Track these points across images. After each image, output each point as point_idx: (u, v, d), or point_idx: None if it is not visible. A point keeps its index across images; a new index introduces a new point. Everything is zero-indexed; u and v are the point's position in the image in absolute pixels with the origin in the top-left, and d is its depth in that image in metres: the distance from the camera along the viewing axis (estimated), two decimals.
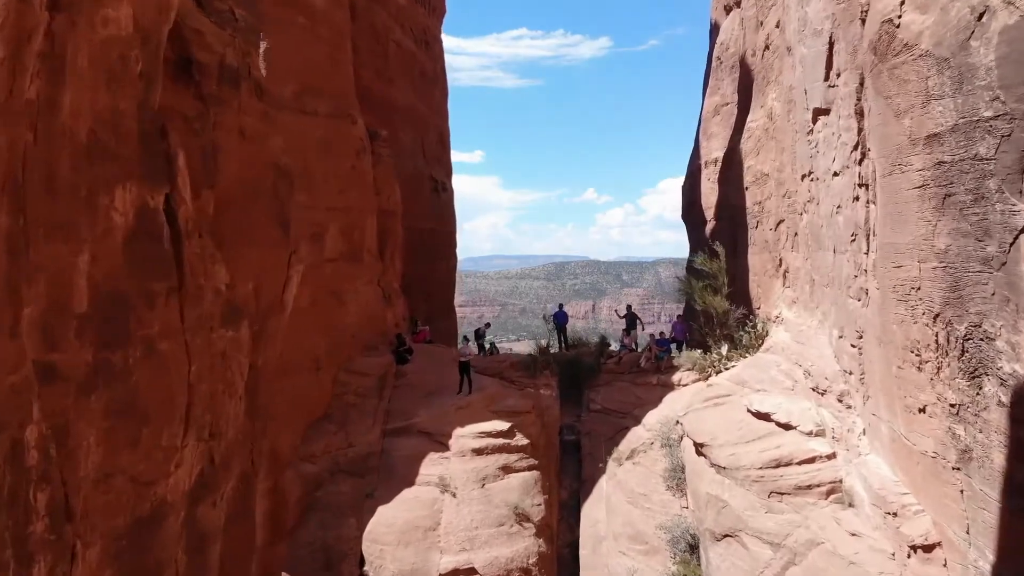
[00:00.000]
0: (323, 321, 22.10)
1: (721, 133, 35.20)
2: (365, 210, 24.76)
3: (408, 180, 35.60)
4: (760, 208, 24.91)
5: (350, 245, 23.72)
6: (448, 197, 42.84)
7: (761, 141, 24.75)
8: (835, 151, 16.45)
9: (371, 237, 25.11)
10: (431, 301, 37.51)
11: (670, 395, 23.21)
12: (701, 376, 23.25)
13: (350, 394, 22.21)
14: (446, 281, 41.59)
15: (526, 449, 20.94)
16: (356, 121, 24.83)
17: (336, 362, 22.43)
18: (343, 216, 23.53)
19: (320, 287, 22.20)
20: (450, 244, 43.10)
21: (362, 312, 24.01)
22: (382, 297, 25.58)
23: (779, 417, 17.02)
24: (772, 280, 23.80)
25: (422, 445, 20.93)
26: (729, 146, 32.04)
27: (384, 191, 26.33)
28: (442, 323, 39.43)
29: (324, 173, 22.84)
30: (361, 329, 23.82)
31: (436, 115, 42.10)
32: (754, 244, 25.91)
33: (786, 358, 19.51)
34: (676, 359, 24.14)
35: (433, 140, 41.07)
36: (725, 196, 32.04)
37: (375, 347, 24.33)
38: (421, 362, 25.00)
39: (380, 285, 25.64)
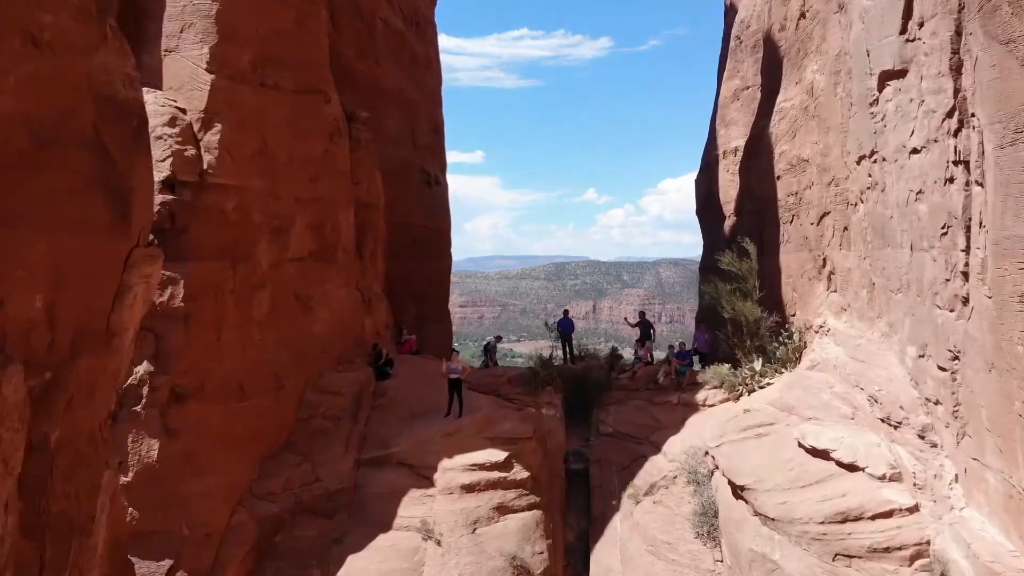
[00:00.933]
0: (286, 331, 18.74)
1: (741, 120, 31.81)
2: (340, 202, 21.40)
3: (395, 171, 32.20)
4: (796, 199, 21.54)
5: (321, 242, 20.36)
6: (441, 192, 39.40)
7: (798, 122, 21.38)
8: (914, 122, 13.10)
9: (347, 233, 21.75)
10: (422, 305, 34.10)
11: (694, 417, 19.85)
12: (731, 395, 19.90)
13: (318, 417, 18.84)
14: (439, 283, 38.12)
15: (526, 484, 17.59)
16: (329, 99, 21.45)
17: (302, 379, 19.06)
18: (313, 208, 20.17)
19: (282, 291, 18.84)
20: (443, 243, 39.63)
21: (335, 320, 20.64)
22: (360, 302, 22.20)
23: (841, 455, 13.66)
24: (812, 283, 20.43)
25: (402, 479, 17.57)
26: (752, 132, 28.65)
27: (363, 181, 22.96)
28: (435, 329, 35.98)
29: (289, 157, 19.48)
30: (333, 340, 20.45)
31: (429, 102, 38.68)
32: (788, 241, 22.53)
33: (840, 378, 16.14)
34: (701, 375, 20.75)
35: (425, 128, 37.67)
36: (748, 188, 28.65)
37: (350, 360, 20.95)
38: (406, 377, 21.62)
39: (358, 288, 22.28)
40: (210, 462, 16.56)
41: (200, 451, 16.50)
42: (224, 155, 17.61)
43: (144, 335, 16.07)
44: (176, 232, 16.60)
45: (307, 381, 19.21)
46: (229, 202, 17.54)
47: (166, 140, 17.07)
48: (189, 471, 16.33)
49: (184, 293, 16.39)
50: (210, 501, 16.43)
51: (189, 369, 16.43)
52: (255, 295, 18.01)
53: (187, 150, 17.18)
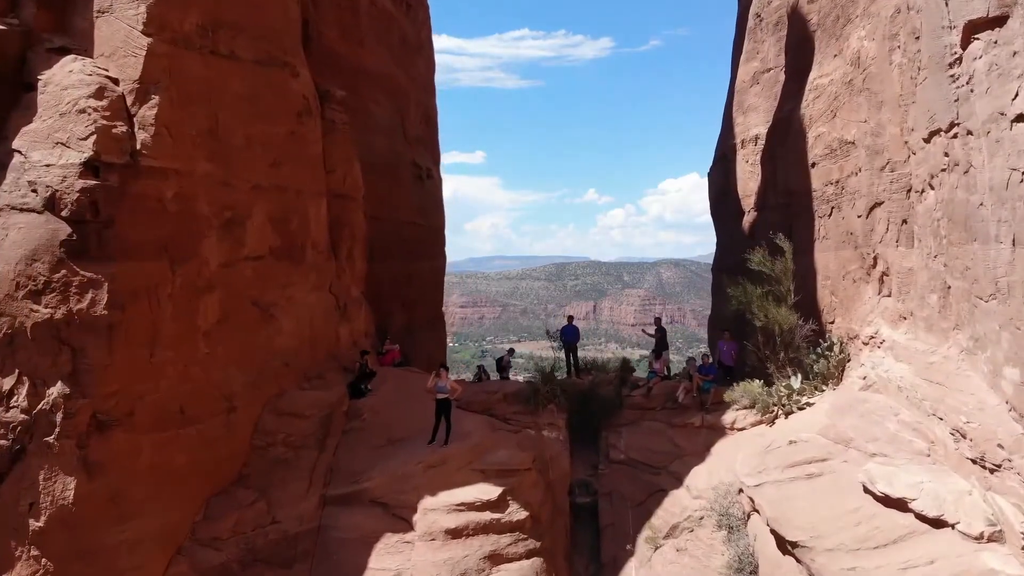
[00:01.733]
0: (239, 343, 15.84)
1: (762, 105, 28.92)
2: (309, 191, 18.50)
3: (383, 162, 29.36)
4: (837, 189, 18.62)
5: (285, 238, 17.47)
6: (434, 187, 36.51)
7: (839, 99, 18.46)
8: (1019, 81, 10.19)
9: (318, 228, 18.85)
10: (412, 309, 31.21)
11: (721, 443, 16.94)
12: (763, 417, 16.99)
13: (277, 445, 15.93)
14: (431, 285, 35.23)
15: (523, 526, 14.71)
16: (298, 74, 18.55)
17: (258, 400, 16.16)
18: (275, 198, 17.27)
19: (236, 296, 15.93)
20: (436, 241, 36.75)
21: (302, 328, 17.74)
22: (334, 307, 19.30)
23: (923, 506, 10.73)
24: (858, 286, 17.52)
25: (375, 521, 14.67)
26: (777, 118, 25.77)
27: (339, 168, 20.06)
28: (427, 336, 33.10)
29: (247, 139, 16.59)
30: (300, 352, 17.55)
31: (420, 90, 35.80)
32: (826, 238, 19.61)
33: (908, 404, 13.21)
34: (728, 393, 17.81)
35: (416, 118, 34.77)
36: (773, 179, 25.76)
37: (320, 376, 18.06)
38: (386, 394, 18.71)
39: (332, 292, 19.37)
40: (141, 503, 13.66)
41: (128, 490, 13.59)
42: (162, 133, 14.69)
43: (59, 349, 13.24)
44: (99, 225, 13.66)
45: (265, 402, 16.30)
46: (168, 189, 14.62)
47: (90, 115, 14.14)
48: (114, 515, 13.43)
49: (108, 299, 13.44)
50: (141, 551, 13.54)
51: (115, 391, 13.50)
52: (201, 301, 15.10)
53: (116, 127, 14.24)
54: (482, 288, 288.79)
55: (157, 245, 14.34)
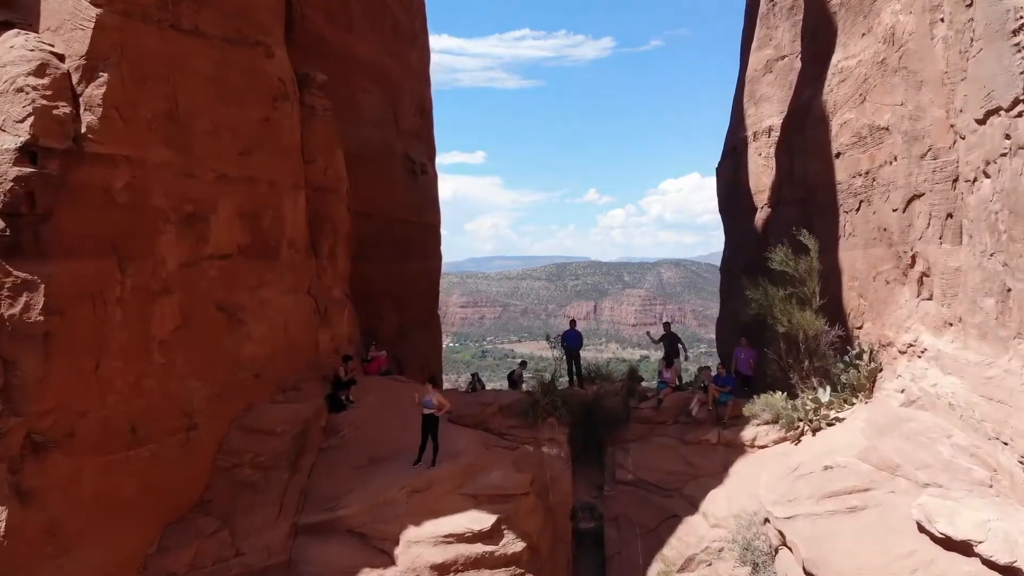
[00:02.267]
0: (202, 353, 14.13)
1: (776, 95, 27.21)
2: (284, 184, 16.80)
3: (373, 156, 27.65)
4: (867, 181, 16.90)
5: (257, 234, 15.77)
6: (429, 182, 34.78)
7: (870, 81, 16.74)
8: None
9: (295, 223, 17.15)
10: (404, 312, 29.48)
11: (741, 463, 15.22)
12: (788, 434, 15.27)
13: (245, 466, 14.21)
14: (426, 286, 33.50)
15: (520, 559, 13.03)
16: (273, 54, 16.85)
17: (223, 415, 14.45)
18: (245, 190, 15.58)
19: (198, 299, 14.22)
20: (432, 240, 35.01)
21: (275, 334, 16.05)
22: (313, 311, 17.59)
23: (993, 551, 9.02)
24: (892, 288, 15.80)
25: (352, 555, 12.97)
26: (794, 107, 24.05)
27: (319, 159, 18.35)
28: (421, 338, 31.38)
29: (213, 124, 14.89)
30: (272, 361, 15.84)
31: (414, 80, 34.07)
32: (852, 235, 17.89)
33: (963, 425, 11.48)
34: (748, 406, 16.09)
35: (409, 110, 33.04)
36: (789, 173, 24.04)
37: (296, 387, 16.35)
38: (369, 407, 17.02)
39: (311, 294, 17.67)
40: (82, 534, 11.97)
41: (68, 520, 11.90)
42: (112, 116, 12.97)
43: None
44: (36, 219, 11.95)
45: (231, 418, 14.59)
46: (117, 179, 12.91)
47: (28, 94, 12.42)
48: (52, 548, 11.75)
49: (45, 303, 11.74)
50: None
51: (52, 408, 11.79)
52: (156, 305, 13.39)
53: (58, 107, 12.52)
54: (482, 288, 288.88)
55: (103, 242, 12.63)
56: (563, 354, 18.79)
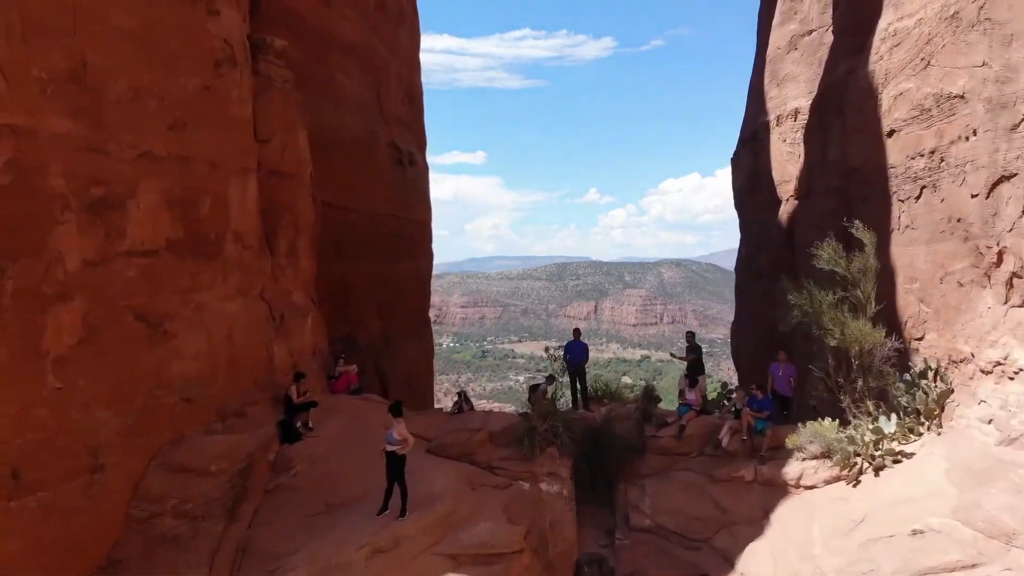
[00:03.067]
0: (113, 372, 11.25)
1: (803, 73, 24.34)
2: (229, 165, 13.94)
3: (352, 142, 24.83)
4: (933, 161, 14.01)
5: (191, 225, 12.90)
6: (418, 175, 31.93)
7: (936, 41, 13.85)
8: None
9: (243, 213, 14.28)
10: (389, 317, 26.61)
11: (785, 507, 12.34)
12: (843, 472, 12.37)
13: (167, 516, 11.33)
14: (415, 287, 30.64)
15: None
16: (218, 12, 13.99)
17: (141, 451, 11.57)
18: (176, 172, 12.71)
19: (108, 305, 11.34)
20: (422, 237, 32.16)
21: (215, 348, 13.17)
22: (266, 318, 14.72)
23: None
24: (969, 291, 12.92)
25: None
26: (827, 83, 21.17)
27: (276, 138, 15.47)
28: (409, 347, 28.46)
29: (133, 90, 12.02)
30: (210, 380, 12.97)
31: (402, 63, 31.22)
32: (911, 227, 15.00)
33: None
34: (792, 437, 13.16)
35: (396, 95, 30.20)
36: (821, 159, 21.16)
37: (242, 411, 13.49)
38: (332, 435, 14.15)
39: (264, 298, 14.80)
40: None
41: None
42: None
43: None
44: None
45: (152, 454, 11.71)
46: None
47: None
48: None
49: None
50: None
51: None
52: (50, 314, 10.51)
53: None
54: (483, 288, 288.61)
55: None
56: (564, 370, 15.85)
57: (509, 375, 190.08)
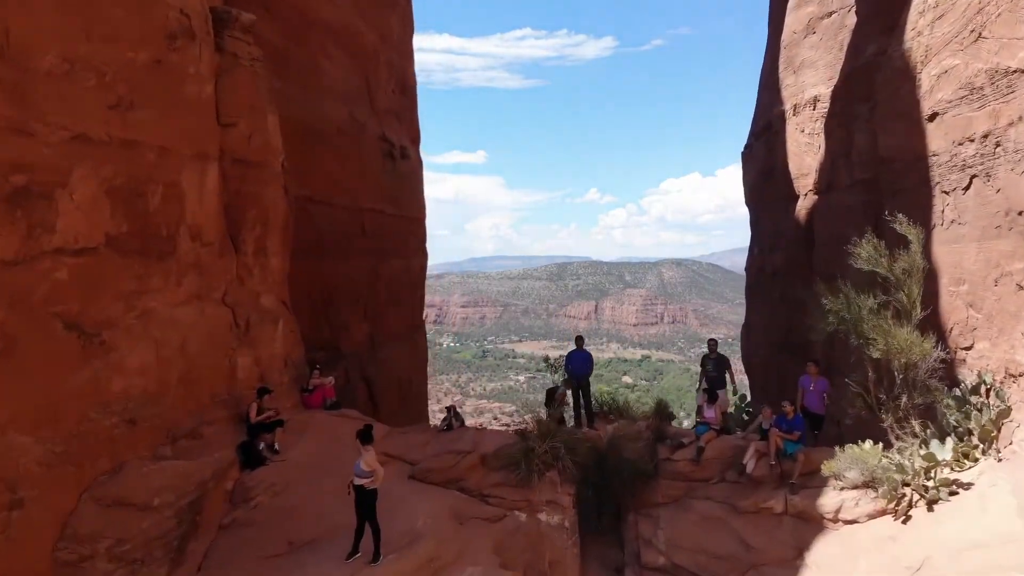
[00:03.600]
0: (38, 391, 9.54)
1: (822, 59, 22.62)
2: (185, 151, 12.23)
3: (337, 133, 23.12)
4: (986, 146, 12.31)
5: (137, 220, 11.21)
6: (411, 169, 30.24)
7: (988, 10, 12.12)
8: None
9: (202, 207, 12.58)
10: (378, 320, 24.91)
11: (822, 545, 10.65)
12: (891, 506, 10.68)
13: (100, 559, 9.63)
14: (407, 288, 28.93)
15: None
16: None
17: (70, 483, 9.85)
18: (119, 158, 11.01)
19: (31, 313, 9.63)
20: (414, 235, 30.45)
21: (165, 360, 11.48)
22: (228, 325, 13.01)
23: None
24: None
25: None
26: (852, 67, 19.48)
27: (242, 122, 13.75)
28: (399, 353, 26.75)
29: (67, 62, 10.32)
30: (157, 398, 11.27)
31: (393, 50, 29.51)
32: (958, 222, 13.30)
33: None
34: (827, 464, 11.43)
35: (387, 84, 28.49)
36: (845, 150, 19.46)
37: (196, 432, 11.78)
38: (300, 460, 12.45)
39: (226, 303, 13.10)
40: None
41: None
42: None
43: None
44: None
45: (84, 487, 10.01)
46: None
47: None
48: None
49: None
50: None
51: None
52: None
53: None
54: (483, 288, 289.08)
55: None
56: (565, 382, 14.11)
57: (509, 375, 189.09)
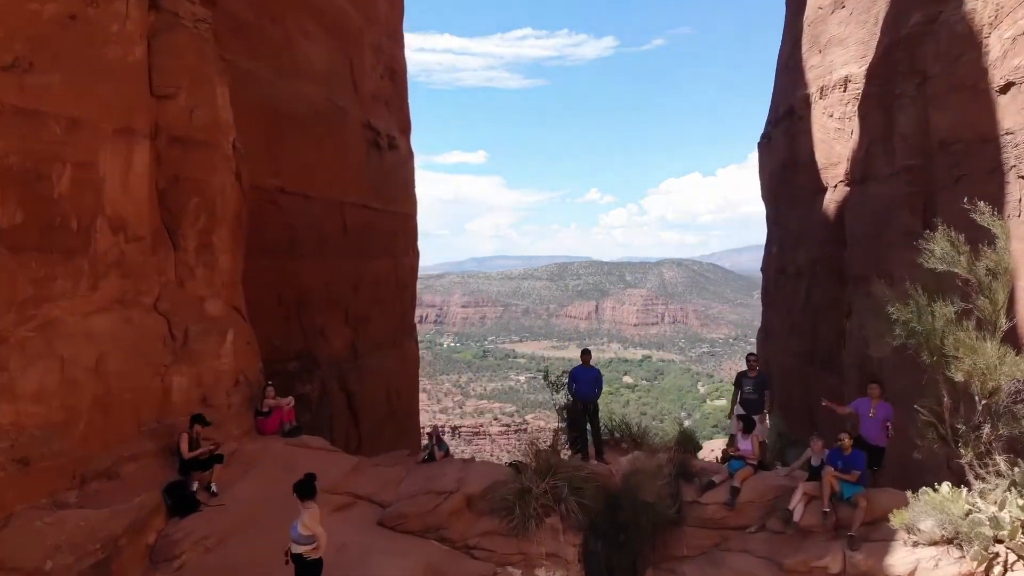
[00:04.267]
0: None
1: (854, 34, 20.35)
2: (103, 125, 9.98)
3: (314, 119, 20.83)
4: None
5: (37, 209, 8.99)
6: (400, 161, 28.01)
7: None
8: None
9: (126, 193, 10.33)
10: (361, 325, 22.64)
11: None
12: (979, 567, 8.41)
13: None
14: (394, 290, 26.67)
15: None
16: None
17: None
18: (11, 131, 8.78)
19: None
20: (404, 232, 28.20)
21: (72, 384, 9.24)
22: (162, 338, 10.75)
23: None
24: None
25: None
26: (892, 40, 17.21)
27: (183, 94, 11.49)
28: (385, 363, 24.46)
29: None
30: (61, 431, 9.03)
31: (380, 32, 27.28)
32: None
33: None
34: (900, 513, 9.13)
35: (373, 69, 26.24)
36: (886, 133, 17.21)
37: (111, 473, 9.52)
38: (244, 505, 10.17)
39: (159, 310, 10.85)
40: None
41: None
42: None
43: None
44: None
45: None
46: None
47: None
48: None
49: None
50: None
51: None
52: None
53: None
54: (484, 288, 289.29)
55: None
56: (569, 401, 11.79)
57: (510, 375, 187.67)
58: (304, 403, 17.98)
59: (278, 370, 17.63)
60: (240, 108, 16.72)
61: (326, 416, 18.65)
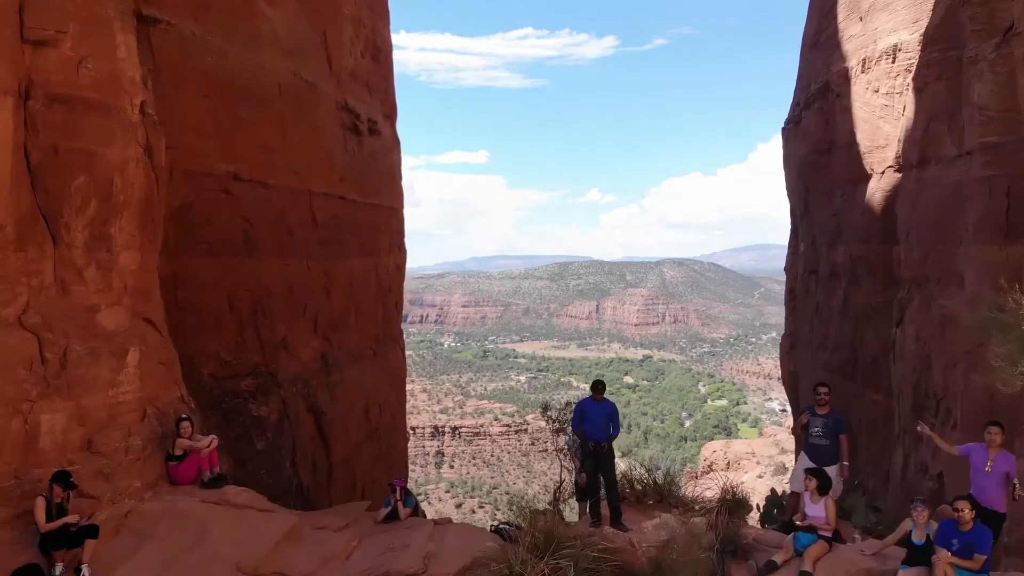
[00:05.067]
0: None
1: None
2: None
3: (280, 95, 17.88)
4: None
5: None
6: (383, 148, 25.12)
7: None
8: None
9: None
10: (334, 333, 19.72)
11: None
12: None
13: None
14: (376, 293, 23.75)
15: None
16: None
17: None
18: None
19: None
20: (386, 228, 25.26)
21: None
22: (27, 363, 7.96)
23: None
24: None
25: None
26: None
27: (67, 41, 8.65)
28: (364, 375, 21.52)
29: None
30: None
31: (362, 6, 24.44)
32: None
33: None
34: None
35: (352, 45, 23.38)
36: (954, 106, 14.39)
37: None
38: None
39: (24, 324, 8.09)
40: None
41: None
42: None
43: None
44: None
45: None
46: None
47: None
48: None
49: None
50: None
51: None
52: None
53: None
54: (484, 287, 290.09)
55: None
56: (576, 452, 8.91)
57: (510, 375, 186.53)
58: (259, 429, 15.22)
59: (228, 390, 14.86)
60: (183, 79, 14.03)
61: (287, 444, 15.84)
